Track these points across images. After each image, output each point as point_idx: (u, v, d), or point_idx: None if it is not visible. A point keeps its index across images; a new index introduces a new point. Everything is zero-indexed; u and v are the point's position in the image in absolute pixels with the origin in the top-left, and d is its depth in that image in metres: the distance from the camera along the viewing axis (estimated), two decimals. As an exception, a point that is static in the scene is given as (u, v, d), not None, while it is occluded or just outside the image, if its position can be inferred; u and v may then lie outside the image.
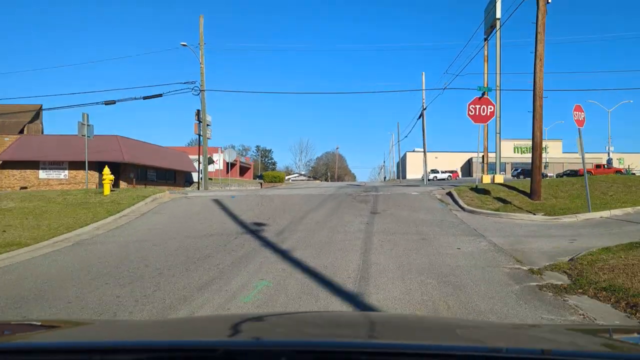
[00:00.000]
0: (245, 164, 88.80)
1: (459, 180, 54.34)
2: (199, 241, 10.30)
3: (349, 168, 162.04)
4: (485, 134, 37.09)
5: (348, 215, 12.49)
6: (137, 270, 7.93)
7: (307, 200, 16.81)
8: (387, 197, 17.28)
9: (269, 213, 13.32)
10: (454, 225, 11.11)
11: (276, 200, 17.14)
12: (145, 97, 30.34)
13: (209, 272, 7.76)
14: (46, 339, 1.83)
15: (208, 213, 14.00)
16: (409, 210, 13.32)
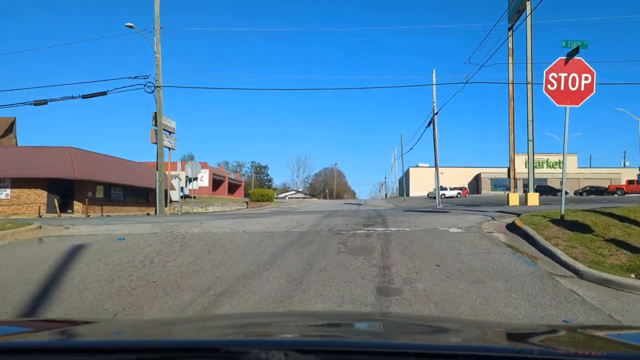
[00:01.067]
0: (235, 180, 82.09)
1: (476, 200, 47.48)
2: None
3: (348, 185, 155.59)
4: (512, 141, 30.47)
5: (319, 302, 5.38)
6: None
7: (257, 244, 9.06)
8: (404, 237, 9.18)
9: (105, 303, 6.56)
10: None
11: (193, 246, 9.03)
12: (85, 96, 23.81)
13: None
14: (52, 337, 1.82)
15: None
16: (467, 282, 5.93)
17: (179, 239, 9.83)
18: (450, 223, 11.17)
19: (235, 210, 45.21)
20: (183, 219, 16.21)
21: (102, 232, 11.27)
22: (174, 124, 28.51)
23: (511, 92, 30.17)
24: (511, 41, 29.83)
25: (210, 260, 7.63)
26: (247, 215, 18.64)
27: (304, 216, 15.19)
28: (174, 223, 13.30)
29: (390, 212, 17.01)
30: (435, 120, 33.85)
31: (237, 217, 17.00)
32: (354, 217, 13.88)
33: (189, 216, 21.77)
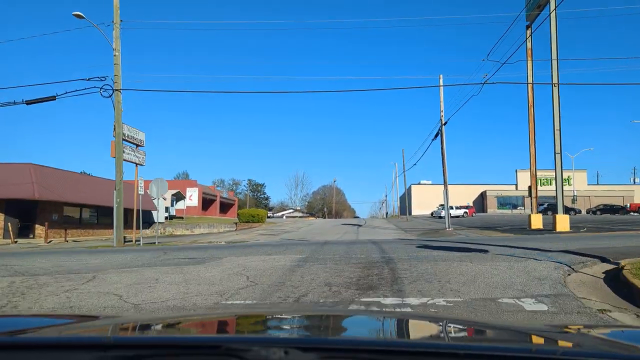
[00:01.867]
0: (228, 199, 77.95)
1: (489, 221, 43.30)
2: None
3: (347, 202, 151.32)
4: (533, 154, 26.50)
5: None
6: None
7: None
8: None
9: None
10: None
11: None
12: (30, 102, 19.83)
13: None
14: (59, 333, 1.82)
15: None
16: None
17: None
18: (509, 279, 6.75)
19: (219, 233, 41.06)
20: (118, 259, 12.01)
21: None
22: (142, 136, 24.52)
23: (531, 97, 26.35)
24: (530, 40, 26.07)
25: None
26: (208, 248, 14.40)
27: (275, 258, 10.72)
28: (51, 274, 9.07)
29: (398, 246, 12.72)
30: (443, 132, 29.90)
31: (184, 251, 12.84)
32: (346, 261, 9.42)
33: (155, 248, 17.69)
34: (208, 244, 19.86)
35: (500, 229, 27.38)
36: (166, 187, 21.55)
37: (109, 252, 15.00)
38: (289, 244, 16.39)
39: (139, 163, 24.36)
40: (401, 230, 33.90)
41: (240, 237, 28.74)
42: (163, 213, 50.47)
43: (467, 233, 25.52)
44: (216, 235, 33.45)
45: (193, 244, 21.65)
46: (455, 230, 29.01)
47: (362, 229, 35.74)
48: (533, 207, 26.41)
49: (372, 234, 27.75)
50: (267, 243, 16.73)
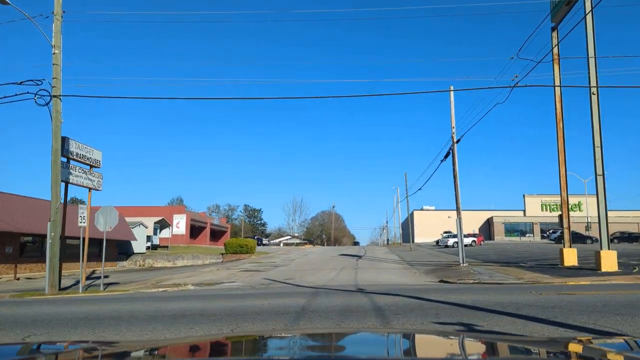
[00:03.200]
0: (220, 226, 73.49)
1: (505, 253, 38.90)
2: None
3: (347, 229, 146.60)
4: (564, 175, 22.44)
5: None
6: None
7: None
8: None
9: None
10: None
11: None
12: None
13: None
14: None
15: None
16: None
17: None
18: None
19: (203, 265, 36.68)
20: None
21: None
22: (97, 155, 20.50)
23: (559, 110, 22.47)
24: (556, 44, 22.28)
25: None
26: (162, 298, 10.06)
27: (235, 326, 6.63)
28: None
29: (416, 317, 8.32)
30: (455, 151, 25.89)
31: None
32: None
33: (78, 300, 13.44)
34: (161, 294, 15.60)
35: (525, 265, 23.13)
36: (116, 216, 17.32)
37: (30, 305, 10.70)
38: (260, 295, 12.09)
39: (94, 187, 20.26)
40: (406, 265, 29.56)
41: (218, 274, 24.42)
42: (144, 243, 46.14)
43: (487, 270, 21.26)
44: (196, 270, 29.12)
45: (152, 288, 17.39)
46: (471, 265, 24.73)
47: (362, 262, 31.40)
48: (565, 239, 22.17)
49: (372, 272, 23.47)
50: (230, 294, 12.34)
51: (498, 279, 17.11)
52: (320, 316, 7.19)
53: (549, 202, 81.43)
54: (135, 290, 16.35)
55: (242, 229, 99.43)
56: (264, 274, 23.16)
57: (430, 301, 8.63)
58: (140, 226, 45.16)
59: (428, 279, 19.25)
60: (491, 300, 8.69)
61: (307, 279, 19.56)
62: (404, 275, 21.55)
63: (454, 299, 8.88)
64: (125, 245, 43.06)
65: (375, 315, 7.18)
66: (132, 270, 36.83)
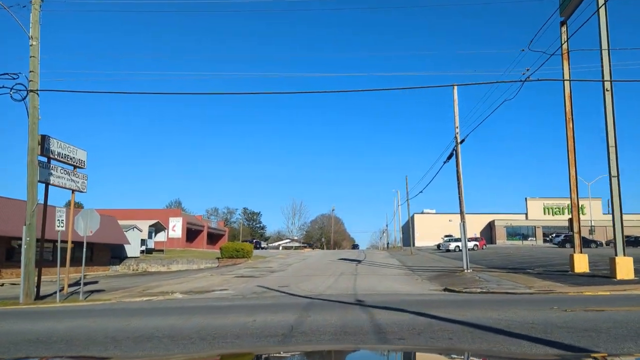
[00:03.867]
0: (217, 230, 72.31)
1: (510, 259, 37.74)
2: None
3: (347, 232, 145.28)
4: (574, 176, 21.34)
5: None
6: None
7: None
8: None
9: None
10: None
11: None
12: None
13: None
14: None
15: None
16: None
17: None
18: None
19: (198, 270, 35.53)
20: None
21: None
22: (82, 155, 19.41)
23: (569, 107, 21.41)
24: (566, 39, 21.20)
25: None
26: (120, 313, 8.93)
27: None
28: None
29: (425, 337, 7.19)
30: (459, 152, 24.78)
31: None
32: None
33: (48, 312, 12.33)
34: (142, 305, 14.49)
35: (533, 272, 22.00)
36: (98, 220, 16.19)
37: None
38: (247, 308, 10.95)
39: (77, 189, 19.15)
40: (407, 270, 28.43)
41: (211, 280, 23.29)
42: (138, 246, 45.00)
43: (492, 277, 20.14)
44: (189, 275, 27.98)
45: (137, 297, 16.27)
46: (475, 272, 23.60)
47: (362, 268, 30.27)
48: (576, 244, 21.00)
49: (372, 278, 22.34)
50: (216, 305, 11.10)
51: (507, 287, 15.99)
52: (311, 340, 6.07)
53: (552, 205, 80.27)
54: (117, 300, 15.22)
55: (241, 232, 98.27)
56: (258, 281, 22.03)
57: (439, 319, 7.49)
58: (134, 229, 44.04)
59: (431, 287, 18.12)
60: (511, 318, 7.55)
61: (303, 286, 18.43)
62: (406, 283, 20.43)
63: (467, 316, 7.74)
64: (119, 249, 41.91)
65: (375, 340, 6.05)
66: (125, 275, 35.68)
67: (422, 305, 9.92)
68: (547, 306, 9.19)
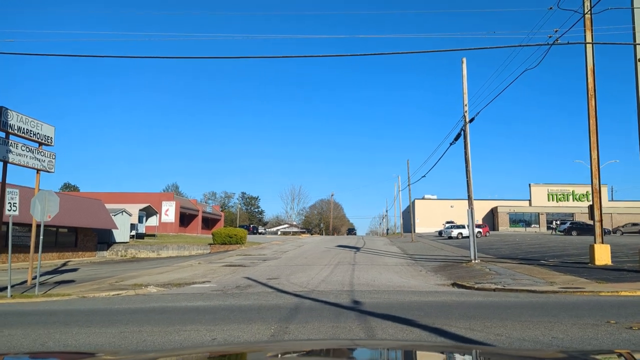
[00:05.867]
0: (213, 214, 70.43)
1: (509, 244, 35.85)
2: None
3: (346, 217, 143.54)
4: (596, 159, 19.29)
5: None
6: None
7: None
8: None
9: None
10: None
11: None
12: None
13: None
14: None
15: None
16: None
17: None
18: None
19: (189, 256, 33.70)
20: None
21: None
22: (49, 130, 17.35)
23: (591, 83, 19.36)
24: (589, 6, 18.97)
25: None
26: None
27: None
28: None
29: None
30: (467, 132, 22.71)
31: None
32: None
33: None
34: (99, 303, 12.60)
35: (548, 263, 20.08)
36: (57, 203, 14.12)
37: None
38: (217, 313, 8.98)
39: (43, 169, 17.10)
40: (409, 259, 26.56)
41: (196, 270, 21.40)
42: (127, 231, 43.07)
43: (505, 270, 18.23)
44: (174, 264, 26.11)
45: (104, 291, 14.38)
46: (484, 262, 21.71)
47: (360, 256, 28.38)
48: (597, 234, 19.00)
49: (372, 269, 20.45)
50: (181, 307, 9.00)
51: (524, 282, 14.07)
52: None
53: (557, 191, 78.28)
54: (80, 295, 13.29)
55: (238, 217, 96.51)
56: (246, 271, 20.14)
57: (464, 341, 5.50)
58: (123, 214, 42.08)
59: (438, 281, 16.21)
60: (562, 340, 5.55)
61: (295, 278, 16.52)
62: (409, 274, 18.52)
63: (501, 337, 5.74)
64: (106, 234, 40.01)
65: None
66: (111, 262, 33.86)
67: (433, 312, 7.97)
68: (595, 317, 7.23)
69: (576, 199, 78.06)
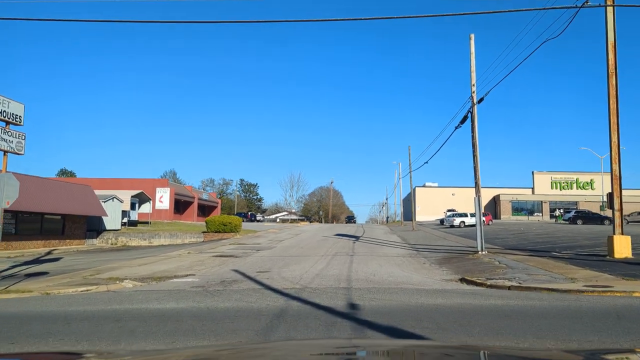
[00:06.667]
0: (210, 201, 68.94)
1: (515, 233, 34.39)
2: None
3: (346, 205, 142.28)
4: (616, 142, 17.69)
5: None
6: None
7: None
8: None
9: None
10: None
11: None
12: None
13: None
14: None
15: None
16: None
17: None
18: None
19: (182, 245, 32.25)
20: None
21: None
22: (17, 108, 15.77)
23: (612, 59, 17.78)
24: (613, -25, 17.24)
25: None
26: None
27: None
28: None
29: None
30: (475, 114, 21.11)
31: None
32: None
33: None
34: (65, 300, 11.17)
35: (560, 255, 18.64)
36: (16, 188, 12.58)
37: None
38: (189, 319, 7.52)
39: (10, 150, 15.52)
40: (411, 250, 25.13)
41: (183, 261, 19.96)
42: (118, 219, 41.63)
43: (515, 262, 16.78)
44: (162, 254, 24.67)
45: (73, 286, 12.95)
46: (491, 254, 20.28)
47: (359, 246, 26.95)
48: (617, 224, 17.47)
49: (371, 261, 19.00)
50: (148, 311, 7.52)
51: (541, 278, 12.60)
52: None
53: (560, 179, 76.75)
54: (43, 292, 11.82)
55: (236, 204, 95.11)
56: (237, 263, 18.70)
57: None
58: (114, 200, 40.61)
59: (444, 275, 14.76)
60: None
61: (287, 272, 15.08)
62: (411, 267, 17.06)
63: None
64: (96, 221, 38.59)
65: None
66: (99, 250, 32.48)
67: (448, 323, 6.50)
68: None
69: (580, 187, 76.58)
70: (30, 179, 32.07)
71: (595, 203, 67.99)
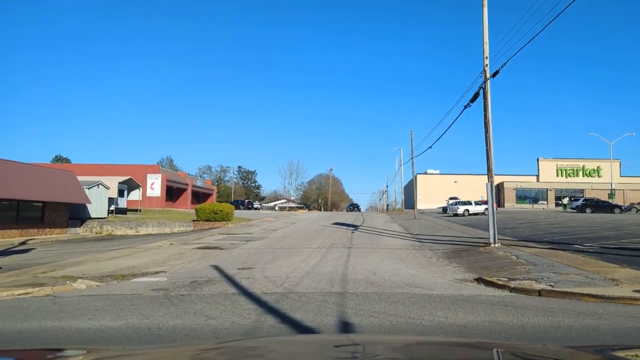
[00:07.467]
0: (204, 188, 66.76)
1: (525, 222, 32.20)
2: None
3: (345, 193, 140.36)
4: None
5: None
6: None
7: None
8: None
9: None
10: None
11: None
12: None
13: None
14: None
15: None
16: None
17: None
18: None
19: (170, 234, 30.13)
20: None
21: None
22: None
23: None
24: None
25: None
26: None
27: None
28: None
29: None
30: (487, 90, 18.81)
31: None
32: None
33: None
34: None
35: (587, 250, 16.43)
36: None
37: None
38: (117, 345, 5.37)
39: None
40: (414, 241, 23.01)
41: (159, 254, 17.83)
42: (104, 206, 39.48)
43: (536, 257, 14.64)
44: (141, 245, 22.56)
45: (12, 289, 10.78)
46: (505, 246, 18.11)
47: (358, 237, 24.85)
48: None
49: (371, 255, 16.83)
50: (74, 331, 5.83)
51: (576, 279, 10.42)
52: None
53: (566, 166, 74.54)
54: (-30, 295, 9.63)
55: (233, 191, 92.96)
56: (219, 256, 16.59)
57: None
58: (100, 187, 38.43)
59: (456, 272, 12.62)
60: None
61: (273, 270, 12.94)
62: (417, 263, 14.91)
63: None
64: (80, 208, 36.43)
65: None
66: (81, 240, 30.39)
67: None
68: None
69: (586, 174, 74.39)
70: (6, 164, 29.87)
71: (602, 191, 65.88)
